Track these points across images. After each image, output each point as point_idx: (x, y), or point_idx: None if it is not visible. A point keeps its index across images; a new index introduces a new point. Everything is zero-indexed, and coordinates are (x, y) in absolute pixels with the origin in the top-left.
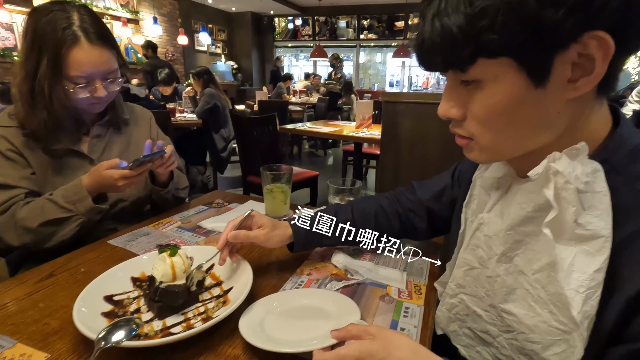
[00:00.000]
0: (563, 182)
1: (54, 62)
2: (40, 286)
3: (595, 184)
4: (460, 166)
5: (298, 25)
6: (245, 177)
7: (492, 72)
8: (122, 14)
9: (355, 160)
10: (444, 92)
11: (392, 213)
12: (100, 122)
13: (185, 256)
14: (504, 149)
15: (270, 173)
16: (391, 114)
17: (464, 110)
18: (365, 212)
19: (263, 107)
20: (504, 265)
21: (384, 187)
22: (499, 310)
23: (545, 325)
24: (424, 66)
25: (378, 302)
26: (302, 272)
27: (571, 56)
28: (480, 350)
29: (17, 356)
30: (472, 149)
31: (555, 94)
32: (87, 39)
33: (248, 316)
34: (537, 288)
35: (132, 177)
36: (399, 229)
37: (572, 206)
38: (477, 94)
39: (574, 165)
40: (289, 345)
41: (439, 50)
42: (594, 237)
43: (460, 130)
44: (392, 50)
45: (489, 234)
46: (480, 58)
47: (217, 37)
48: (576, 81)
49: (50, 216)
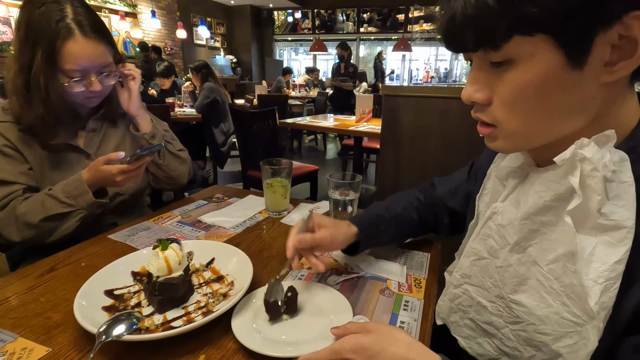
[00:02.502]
0: (590, 170)
1: (48, 56)
2: (41, 280)
3: (621, 173)
4: (478, 161)
5: (297, 18)
6: (245, 171)
7: (527, 50)
8: (120, 8)
9: (355, 154)
10: (468, 75)
11: (426, 206)
12: (95, 117)
13: (179, 248)
14: (530, 136)
15: (270, 167)
16: (391, 107)
17: (490, 94)
18: (407, 207)
19: (263, 101)
20: (517, 255)
21: (384, 180)
22: (508, 301)
23: (557, 316)
24: (452, 46)
25: (378, 295)
26: (302, 266)
27: (612, 37)
28: (482, 342)
29: (19, 350)
30: (495, 137)
31: (591, 77)
32: (82, 32)
33: (241, 313)
34: (551, 279)
35: (130, 171)
36: (434, 222)
37: (598, 195)
38: (508, 74)
39: (602, 153)
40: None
41: (472, 25)
42: (617, 227)
43: (485, 116)
44: (392, 44)
45: (503, 223)
46: (516, 35)
47: (216, 30)
48: (614, 64)
49: (52, 211)
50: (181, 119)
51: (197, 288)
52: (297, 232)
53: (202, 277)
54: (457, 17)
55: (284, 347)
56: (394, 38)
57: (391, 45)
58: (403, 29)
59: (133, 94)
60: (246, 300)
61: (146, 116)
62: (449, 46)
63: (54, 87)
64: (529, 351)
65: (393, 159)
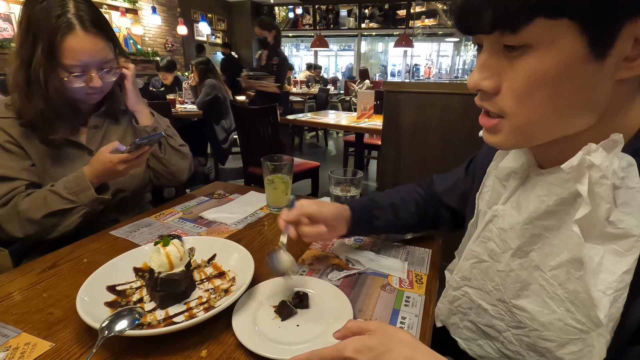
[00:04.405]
0: (598, 177)
1: (48, 50)
2: (44, 276)
3: (629, 179)
4: (476, 158)
5: (298, 14)
6: (247, 168)
7: (548, 35)
8: (121, 4)
9: (356, 150)
10: (477, 61)
11: (427, 200)
12: (97, 113)
13: (180, 244)
14: (537, 131)
15: (271, 164)
16: (393, 103)
17: (500, 82)
18: (406, 198)
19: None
20: (519, 260)
21: (385, 177)
22: (510, 306)
23: (561, 323)
24: (465, 27)
25: (379, 291)
26: (303, 262)
27: (637, 30)
28: (482, 344)
29: (22, 345)
30: (499, 129)
31: (609, 71)
32: (82, 27)
33: (242, 310)
34: (554, 285)
35: (131, 160)
36: (434, 216)
37: (606, 203)
38: (522, 61)
39: (610, 159)
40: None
41: (492, 3)
42: (625, 236)
43: (490, 105)
44: (393, 40)
45: (504, 227)
46: (539, 17)
47: (216, 26)
48: (634, 60)
49: (54, 207)
50: (182, 115)
51: (198, 284)
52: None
53: (203, 273)
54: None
55: (283, 347)
56: (396, 34)
57: (392, 41)
58: (405, 25)
59: (128, 91)
60: (247, 296)
61: (146, 110)
62: (462, 26)
63: (54, 82)
64: (532, 356)
65: (394, 155)
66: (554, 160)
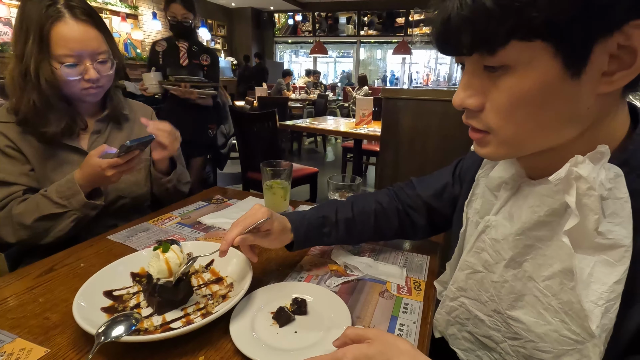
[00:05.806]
0: (586, 189)
1: (39, 40)
2: (40, 281)
3: (617, 189)
4: (462, 163)
5: (298, 21)
6: (245, 173)
7: (525, 56)
8: (121, 9)
9: (355, 156)
10: (461, 79)
11: (391, 210)
12: (99, 118)
13: (180, 250)
14: (524, 144)
15: (270, 169)
16: (391, 110)
17: (483, 100)
18: (365, 210)
19: (263, 103)
20: (513, 270)
21: (383, 183)
22: (505, 317)
23: (557, 334)
24: (445, 48)
25: (378, 298)
26: (301, 268)
27: (611, 47)
28: (481, 355)
29: (17, 351)
30: (487, 143)
31: (588, 87)
32: (72, 15)
33: (239, 317)
34: (548, 295)
35: (120, 165)
36: (398, 227)
37: (595, 214)
38: (503, 81)
39: (597, 171)
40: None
41: (469, 27)
42: (615, 246)
43: (476, 122)
44: (392, 47)
45: (497, 237)
46: (514, 40)
47: (216, 32)
48: (612, 75)
49: (45, 212)
50: None
51: (196, 289)
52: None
53: (201, 279)
54: (453, 19)
55: (281, 354)
56: (394, 41)
57: (391, 48)
58: (403, 32)
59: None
60: (245, 302)
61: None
62: (443, 49)
63: (46, 72)
64: None
65: (392, 161)
66: (543, 171)
